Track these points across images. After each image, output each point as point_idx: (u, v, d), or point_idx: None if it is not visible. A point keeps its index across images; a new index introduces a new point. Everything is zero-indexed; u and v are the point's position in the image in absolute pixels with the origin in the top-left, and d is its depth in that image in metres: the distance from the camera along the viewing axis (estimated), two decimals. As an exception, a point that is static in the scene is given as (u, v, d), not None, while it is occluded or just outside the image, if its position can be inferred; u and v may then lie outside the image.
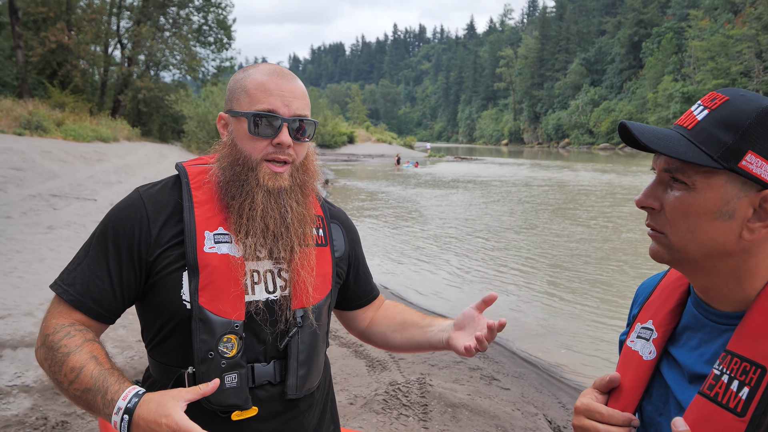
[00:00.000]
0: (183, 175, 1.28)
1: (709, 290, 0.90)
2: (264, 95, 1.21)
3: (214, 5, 32.94)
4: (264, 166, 1.22)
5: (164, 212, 1.23)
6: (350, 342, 5.15)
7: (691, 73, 68.31)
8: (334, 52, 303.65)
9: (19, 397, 3.60)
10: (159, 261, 1.20)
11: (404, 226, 13.54)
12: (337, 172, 32.11)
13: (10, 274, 6.05)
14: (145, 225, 1.21)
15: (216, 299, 1.18)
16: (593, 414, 0.93)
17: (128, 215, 1.22)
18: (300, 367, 1.26)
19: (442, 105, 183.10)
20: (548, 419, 4.00)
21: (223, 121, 1.29)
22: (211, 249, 1.19)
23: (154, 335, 1.25)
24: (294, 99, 1.23)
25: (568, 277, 8.49)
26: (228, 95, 1.28)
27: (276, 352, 1.25)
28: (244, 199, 1.21)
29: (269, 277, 1.25)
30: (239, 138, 1.23)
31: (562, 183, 25.03)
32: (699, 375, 0.87)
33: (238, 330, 1.19)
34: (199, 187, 1.25)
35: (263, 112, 1.20)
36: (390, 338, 1.51)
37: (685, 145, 0.84)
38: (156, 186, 1.28)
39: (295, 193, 1.26)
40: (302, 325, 1.26)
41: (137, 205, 1.23)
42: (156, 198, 1.24)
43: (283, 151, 1.22)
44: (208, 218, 1.22)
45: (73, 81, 26.74)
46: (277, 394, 1.25)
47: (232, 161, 1.23)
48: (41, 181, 11.57)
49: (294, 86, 1.25)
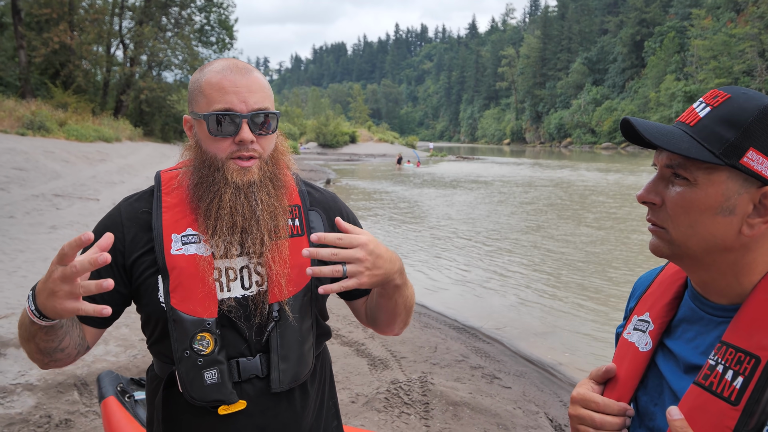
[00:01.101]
0: (157, 182, 1.30)
1: (707, 284, 0.92)
2: (219, 94, 1.19)
3: (216, 5, 33.00)
4: (230, 163, 1.21)
5: (138, 220, 1.26)
6: (352, 341, 5.17)
7: (694, 72, 68.20)
8: (336, 51, 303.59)
9: (23, 396, 3.62)
10: (136, 267, 1.23)
11: (406, 226, 13.55)
12: (339, 172, 32.13)
13: (14, 274, 6.08)
14: (119, 232, 1.24)
15: (186, 299, 1.20)
16: (589, 403, 0.95)
17: (106, 225, 1.27)
18: (281, 361, 1.26)
19: (444, 104, 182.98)
20: (549, 417, 4.01)
21: (188, 124, 1.28)
22: (179, 251, 1.21)
23: (150, 334, 1.30)
24: (250, 93, 1.21)
25: (570, 275, 8.49)
26: (189, 96, 1.28)
27: (260, 346, 1.26)
28: (211, 200, 1.21)
29: (245, 273, 1.26)
30: (202, 140, 1.23)
31: (568, 183, 25.00)
32: (694, 366, 0.89)
33: (211, 327, 1.20)
34: (169, 192, 1.27)
35: (220, 111, 1.19)
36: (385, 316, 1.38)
37: (687, 141, 0.86)
38: (135, 196, 1.32)
39: (265, 185, 1.24)
40: (279, 318, 1.26)
41: (115, 215, 1.28)
42: (132, 207, 1.28)
43: (246, 147, 1.21)
44: (176, 221, 1.24)
45: (75, 81, 26.79)
46: (264, 388, 1.26)
47: (198, 164, 1.24)
48: (44, 181, 11.61)
49: (249, 80, 1.22)
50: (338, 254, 1.12)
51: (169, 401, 1.27)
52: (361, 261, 1.13)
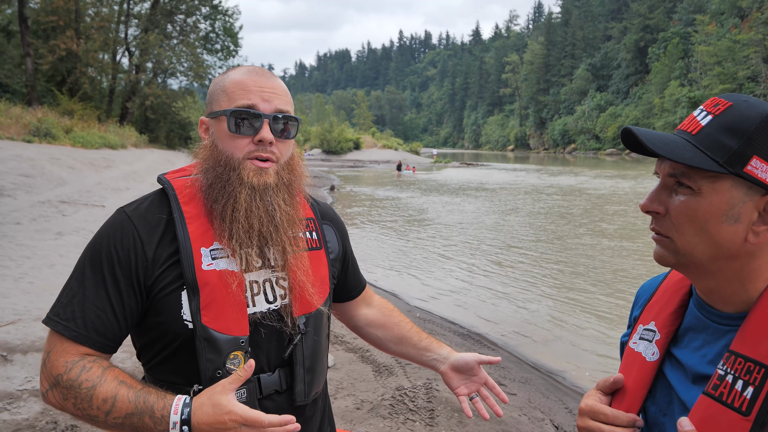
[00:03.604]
0: (169, 188, 1.21)
1: (712, 292, 0.91)
2: (243, 92, 1.18)
3: (221, 13, 33.19)
4: (247, 163, 1.17)
5: (156, 232, 1.16)
6: (356, 347, 5.16)
7: (698, 78, 68.12)
8: (340, 58, 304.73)
9: (29, 402, 3.63)
10: (157, 282, 1.15)
11: (413, 233, 13.54)
12: (343, 178, 32.16)
13: (21, 280, 6.10)
14: (140, 248, 1.14)
15: (219, 317, 1.14)
16: (598, 415, 0.94)
17: (120, 239, 1.15)
18: (306, 374, 1.25)
19: (447, 111, 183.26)
20: (555, 424, 3.99)
21: (204, 126, 1.25)
22: (209, 266, 1.15)
23: (155, 355, 1.20)
24: (274, 95, 1.20)
25: (576, 283, 8.47)
26: (208, 99, 1.25)
27: (280, 361, 1.24)
28: (226, 201, 1.16)
29: (268, 286, 1.22)
30: (220, 138, 1.19)
31: (580, 190, 24.91)
32: (702, 375, 0.88)
33: (244, 345, 1.16)
34: (188, 201, 1.20)
35: (242, 108, 1.16)
36: (385, 346, 1.56)
37: (690, 150, 0.86)
38: (142, 204, 1.21)
39: (282, 191, 1.21)
40: (305, 331, 1.25)
41: (127, 228, 1.16)
42: (145, 218, 1.17)
43: (265, 148, 1.17)
44: (201, 234, 1.17)
45: (81, 88, 26.98)
46: (285, 402, 1.24)
47: (213, 163, 1.19)
48: (50, 187, 11.67)
49: (274, 83, 1.21)
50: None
51: None
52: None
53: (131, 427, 1.07)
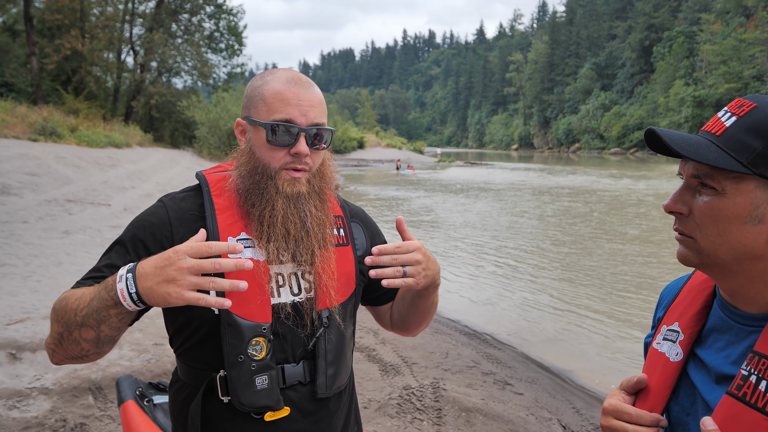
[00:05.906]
0: (204, 183, 1.30)
1: (736, 293, 0.92)
2: (281, 105, 1.22)
3: (225, 12, 33.23)
4: (282, 173, 1.24)
5: (187, 219, 1.25)
6: (363, 346, 5.17)
7: (703, 77, 67.90)
8: (343, 57, 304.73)
9: (38, 399, 3.65)
10: None
11: (419, 233, 13.55)
12: (348, 177, 32.18)
13: (29, 278, 6.13)
14: (167, 229, 1.23)
15: (243, 303, 1.20)
16: (621, 414, 0.95)
17: (150, 221, 1.25)
18: (328, 367, 1.29)
19: (451, 110, 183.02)
20: (562, 424, 3.99)
21: (240, 128, 1.31)
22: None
23: (185, 341, 1.27)
24: (311, 108, 1.24)
25: (584, 282, 8.46)
26: (245, 102, 1.30)
27: (305, 353, 1.28)
28: (264, 207, 1.23)
29: (293, 279, 1.28)
30: (257, 146, 1.25)
31: (591, 191, 24.86)
32: (726, 376, 0.89)
33: (266, 332, 1.21)
34: (219, 194, 1.28)
35: (281, 122, 1.22)
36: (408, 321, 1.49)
37: (714, 151, 0.86)
38: (179, 194, 1.31)
39: (312, 198, 1.28)
40: (328, 325, 1.29)
41: (160, 212, 1.26)
42: (179, 206, 1.27)
43: (300, 160, 1.24)
44: (230, 224, 1.24)
45: (86, 87, 27.06)
46: (308, 393, 1.28)
47: (251, 169, 1.25)
48: (56, 186, 11.72)
49: (311, 95, 1.26)
50: (398, 259, 1.21)
51: (206, 409, 1.27)
52: (419, 263, 1.23)
53: (95, 314, 1.10)
